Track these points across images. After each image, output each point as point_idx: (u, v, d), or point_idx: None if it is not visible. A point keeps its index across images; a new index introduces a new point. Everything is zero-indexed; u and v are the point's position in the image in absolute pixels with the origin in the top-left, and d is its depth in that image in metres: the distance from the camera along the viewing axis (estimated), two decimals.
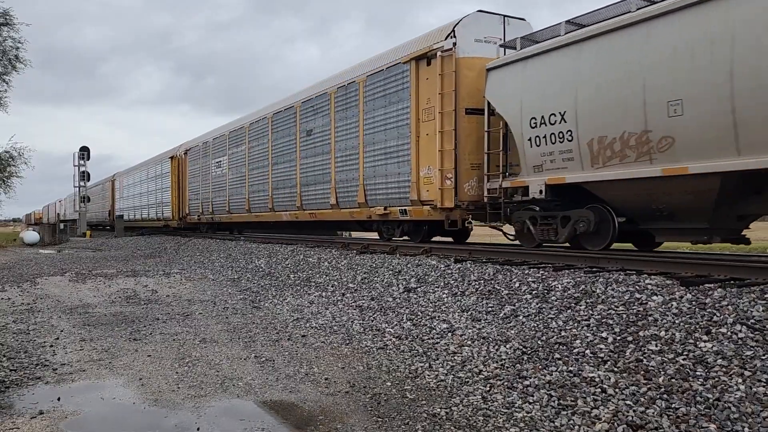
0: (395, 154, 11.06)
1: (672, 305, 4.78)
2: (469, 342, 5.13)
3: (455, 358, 4.85)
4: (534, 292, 5.99)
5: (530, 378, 4.18)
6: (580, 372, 4.11)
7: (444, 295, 6.72)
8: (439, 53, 9.88)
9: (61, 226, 32.11)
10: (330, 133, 13.19)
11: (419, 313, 6.27)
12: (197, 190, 22.97)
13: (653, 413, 3.41)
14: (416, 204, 10.53)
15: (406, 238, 11.91)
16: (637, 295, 5.18)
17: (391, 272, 8.43)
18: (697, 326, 4.31)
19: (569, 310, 5.28)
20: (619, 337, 4.48)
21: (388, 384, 4.41)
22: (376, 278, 8.39)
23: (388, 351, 5.29)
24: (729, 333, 4.11)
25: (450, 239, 12.03)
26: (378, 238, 13.11)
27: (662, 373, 3.83)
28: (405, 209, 10.91)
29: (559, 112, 8.03)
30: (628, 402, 3.58)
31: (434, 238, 11.83)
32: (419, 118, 10.45)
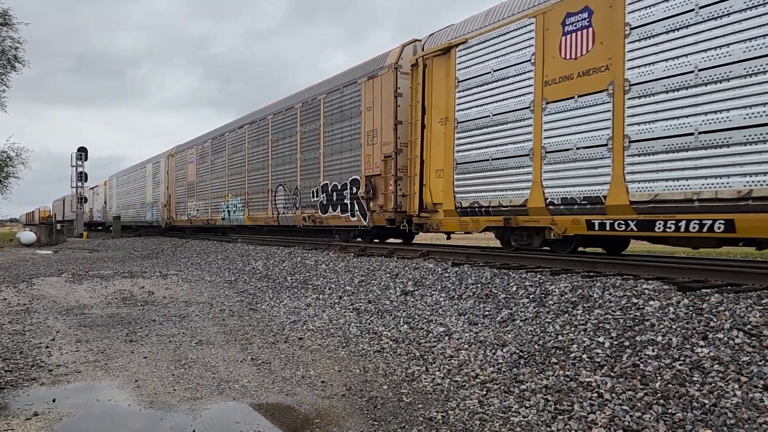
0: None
1: (669, 310, 4.78)
2: (466, 346, 5.13)
3: (452, 361, 4.84)
4: (531, 296, 5.98)
5: (527, 382, 4.18)
6: (576, 377, 4.11)
7: (441, 299, 6.71)
8: None
9: (58, 226, 31.98)
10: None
11: (416, 317, 6.26)
12: None
13: (650, 418, 3.41)
14: None
15: None
16: (634, 300, 5.18)
17: (388, 275, 8.42)
18: (694, 331, 4.32)
19: (566, 315, 5.28)
20: (615, 342, 4.48)
21: (385, 387, 4.40)
22: (373, 281, 8.38)
23: (384, 354, 5.28)
24: (726, 338, 4.11)
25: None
26: (377, 241, 13.32)
27: (659, 378, 3.83)
28: None
29: None
30: (624, 407, 3.58)
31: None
32: None
